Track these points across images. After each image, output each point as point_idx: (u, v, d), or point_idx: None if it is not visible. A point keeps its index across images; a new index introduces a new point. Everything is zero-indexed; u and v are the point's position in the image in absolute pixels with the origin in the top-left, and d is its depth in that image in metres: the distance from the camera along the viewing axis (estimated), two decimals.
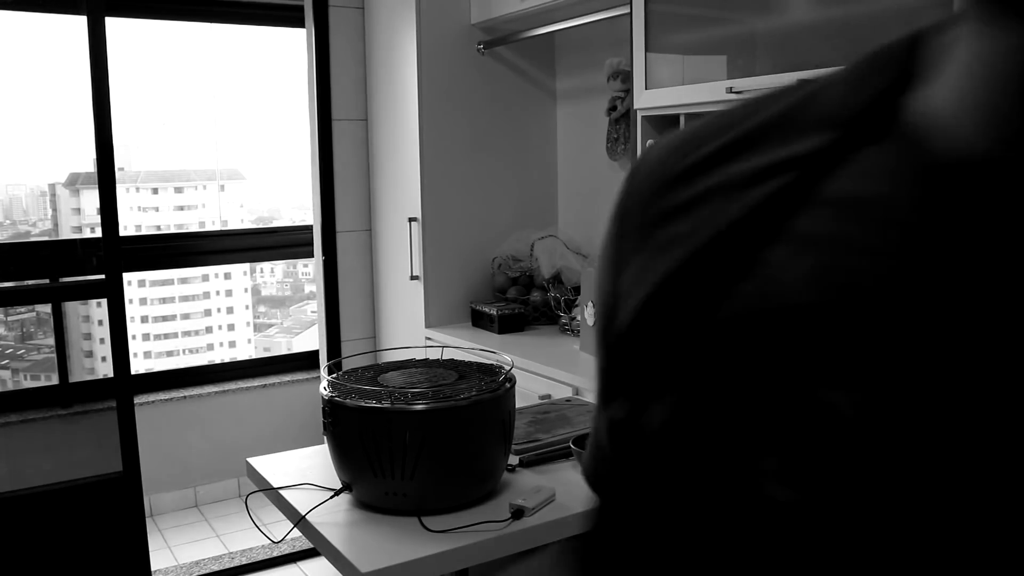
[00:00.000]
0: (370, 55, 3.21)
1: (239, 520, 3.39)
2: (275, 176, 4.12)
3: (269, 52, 3.67)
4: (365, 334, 3.37)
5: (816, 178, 0.37)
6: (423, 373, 1.59)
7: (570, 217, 3.15)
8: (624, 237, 0.48)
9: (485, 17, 2.89)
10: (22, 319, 3.60)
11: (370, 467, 1.44)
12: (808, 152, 0.37)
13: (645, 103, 2.24)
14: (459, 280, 3.04)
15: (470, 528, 1.40)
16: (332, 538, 1.40)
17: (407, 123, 2.97)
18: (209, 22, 3.44)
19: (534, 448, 1.71)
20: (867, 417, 0.32)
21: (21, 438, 2.97)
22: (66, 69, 3.03)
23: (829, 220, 0.36)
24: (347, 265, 3.31)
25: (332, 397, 1.48)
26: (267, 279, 4.46)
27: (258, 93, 3.78)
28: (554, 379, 2.31)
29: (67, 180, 3.62)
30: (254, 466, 1.74)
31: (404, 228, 3.03)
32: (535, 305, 2.91)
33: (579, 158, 3.08)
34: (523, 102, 3.11)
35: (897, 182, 0.35)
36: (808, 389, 0.34)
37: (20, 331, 3.61)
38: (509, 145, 3.10)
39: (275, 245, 3.70)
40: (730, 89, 1.96)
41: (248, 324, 4.33)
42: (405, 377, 1.56)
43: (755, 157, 0.39)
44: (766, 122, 0.40)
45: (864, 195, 0.36)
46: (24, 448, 2.96)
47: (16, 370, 3.48)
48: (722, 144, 0.41)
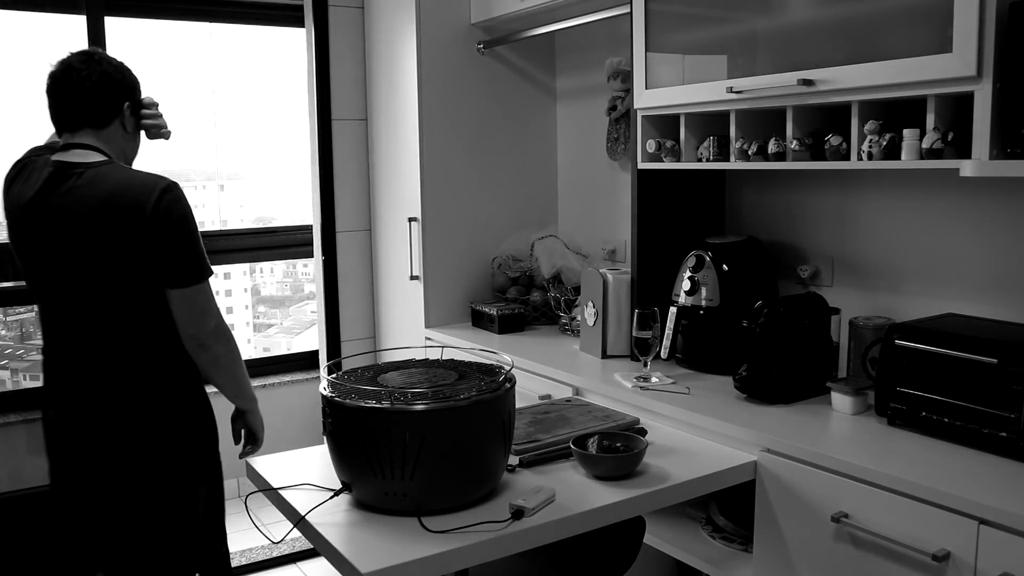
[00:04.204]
0: (370, 55, 3.21)
1: (239, 520, 3.38)
2: (275, 176, 4.12)
3: (269, 52, 3.67)
4: (365, 334, 3.37)
5: None
6: (423, 373, 1.59)
7: (570, 217, 3.15)
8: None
9: (485, 17, 2.89)
10: (22, 319, 3.59)
11: (370, 467, 1.44)
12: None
13: (645, 103, 2.24)
14: (459, 280, 3.03)
15: (470, 528, 1.40)
16: (332, 538, 1.39)
17: (407, 123, 2.96)
18: (209, 22, 3.44)
19: (534, 448, 1.71)
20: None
21: (21, 438, 2.97)
22: None
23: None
24: (347, 265, 3.31)
25: (332, 397, 1.48)
26: (267, 279, 4.45)
27: (258, 93, 3.78)
28: (554, 379, 2.31)
29: None
30: (254, 466, 1.74)
31: (404, 228, 3.03)
32: (535, 305, 2.91)
33: (579, 158, 3.08)
34: (523, 102, 3.11)
35: None
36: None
37: (20, 331, 3.60)
38: (509, 145, 3.09)
39: (275, 245, 3.70)
40: (730, 89, 1.96)
41: (248, 324, 4.33)
42: (405, 377, 1.56)
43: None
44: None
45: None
46: (24, 448, 2.96)
47: (16, 370, 3.48)
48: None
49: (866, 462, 1.54)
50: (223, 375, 1.89)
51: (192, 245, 1.77)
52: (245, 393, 1.98)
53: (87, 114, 1.81)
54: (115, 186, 1.74)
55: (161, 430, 1.83)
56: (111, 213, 1.72)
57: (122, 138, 1.88)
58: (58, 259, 1.78)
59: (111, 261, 1.74)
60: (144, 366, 1.82)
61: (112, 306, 1.78)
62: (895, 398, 1.71)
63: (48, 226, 1.77)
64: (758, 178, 2.40)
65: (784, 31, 1.90)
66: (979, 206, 1.88)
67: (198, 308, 1.79)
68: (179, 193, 1.77)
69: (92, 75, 1.81)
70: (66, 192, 1.76)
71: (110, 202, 1.73)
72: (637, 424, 1.89)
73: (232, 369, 1.89)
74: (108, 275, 1.75)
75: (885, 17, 1.68)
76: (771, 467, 1.70)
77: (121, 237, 1.72)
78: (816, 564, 1.64)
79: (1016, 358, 1.52)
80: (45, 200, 1.78)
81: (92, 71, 1.81)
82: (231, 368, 1.89)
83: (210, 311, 1.81)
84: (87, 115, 1.81)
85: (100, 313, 1.79)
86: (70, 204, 1.75)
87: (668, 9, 2.18)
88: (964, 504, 1.38)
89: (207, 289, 1.80)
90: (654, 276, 2.37)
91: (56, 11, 3.02)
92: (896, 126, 1.71)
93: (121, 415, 1.81)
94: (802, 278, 2.26)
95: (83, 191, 1.75)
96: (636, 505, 1.57)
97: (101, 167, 1.78)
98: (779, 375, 1.93)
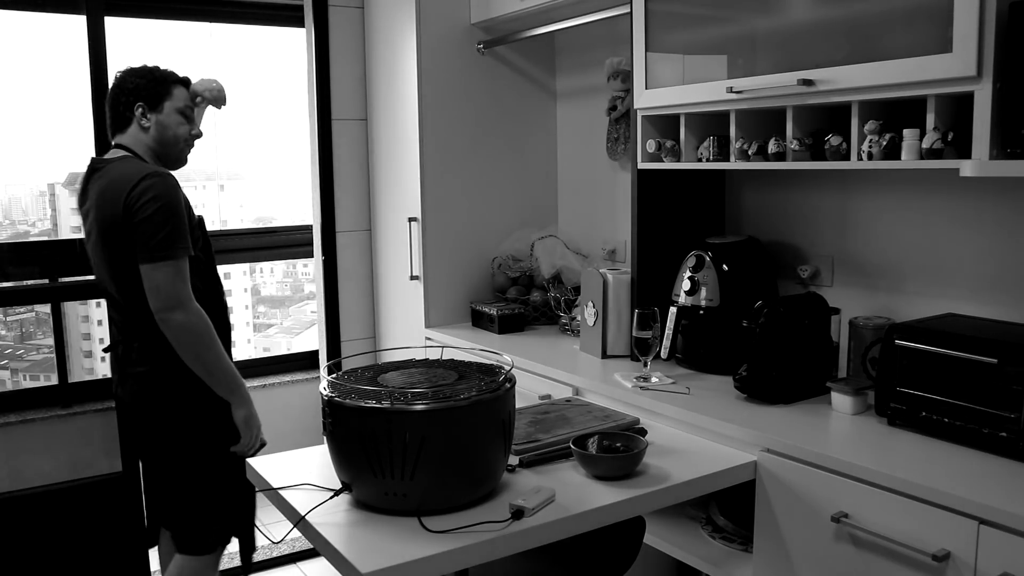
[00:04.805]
0: (370, 55, 3.21)
1: None
2: (275, 176, 4.11)
3: (269, 52, 3.67)
4: (365, 334, 3.37)
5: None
6: (423, 373, 1.59)
7: (570, 217, 3.15)
8: None
9: (485, 17, 2.89)
10: (21, 319, 3.59)
11: (370, 467, 1.44)
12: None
13: (645, 103, 2.24)
14: (459, 280, 3.03)
15: (470, 528, 1.40)
16: (332, 538, 1.39)
17: (407, 123, 2.96)
18: (209, 22, 3.44)
19: (534, 448, 1.71)
20: None
21: (21, 438, 2.97)
22: (66, 69, 3.03)
23: None
24: (347, 265, 3.31)
25: (332, 397, 1.48)
26: (267, 279, 4.45)
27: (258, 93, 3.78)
28: (554, 379, 2.31)
29: (67, 180, 3.61)
30: (254, 466, 1.74)
31: (404, 228, 3.03)
32: (535, 305, 2.91)
33: (579, 158, 3.08)
34: (523, 102, 3.11)
35: None
36: None
37: (19, 331, 3.60)
38: (509, 145, 3.09)
39: (275, 245, 3.70)
40: (730, 89, 1.96)
41: (248, 324, 4.33)
42: (405, 377, 1.56)
43: None
44: None
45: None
46: (24, 448, 2.96)
47: (16, 370, 3.48)
48: None
49: (866, 462, 1.54)
50: (186, 355, 2.04)
51: (153, 225, 1.97)
52: (217, 380, 2.08)
53: (112, 121, 2.19)
54: (114, 177, 2.05)
55: (169, 398, 2.10)
56: (106, 201, 2.03)
57: (146, 135, 2.17)
58: (91, 248, 2.15)
59: (113, 244, 2.04)
60: (152, 336, 2.06)
61: (125, 284, 2.06)
62: (895, 398, 1.71)
63: (83, 219, 2.17)
64: (758, 178, 2.40)
65: (784, 31, 1.90)
66: (979, 206, 1.88)
67: (154, 285, 1.98)
68: (159, 180, 2.01)
69: (112, 89, 2.18)
70: (91, 187, 2.12)
71: (105, 192, 2.04)
72: (637, 424, 1.89)
73: (195, 351, 2.03)
74: (114, 257, 2.05)
75: (885, 17, 1.68)
76: (771, 467, 1.70)
77: (113, 221, 2.01)
78: (816, 564, 1.64)
79: (1016, 358, 1.52)
80: (82, 195, 2.17)
81: (113, 85, 2.18)
82: (194, 350, 2.03)
83: (165, 291, 1.98)
84: (112, 122, 2.19)
85: (120, 292, 2.10)
86: (92, 197, 2.10)
87: (668, 9, 2.18)
88: (964, 504, 1.38)
89: (166, 269, 1.98)
90: (654, 276, 2.37)
91: (56, 11, 3.02)
92: (896, 126, 1.71)
93: (143, 387, 2.11)
94: (802, 278, 2.26)
95: (98, 184, 2.09)
96: (636, 505, 1.57)
97: (116, 162, 2.10)
98: (779, 375, 1.93)
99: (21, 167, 3.53)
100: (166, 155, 2.21)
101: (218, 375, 2.07)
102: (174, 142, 2.20)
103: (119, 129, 2.18)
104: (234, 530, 2.29)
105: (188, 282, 2.02)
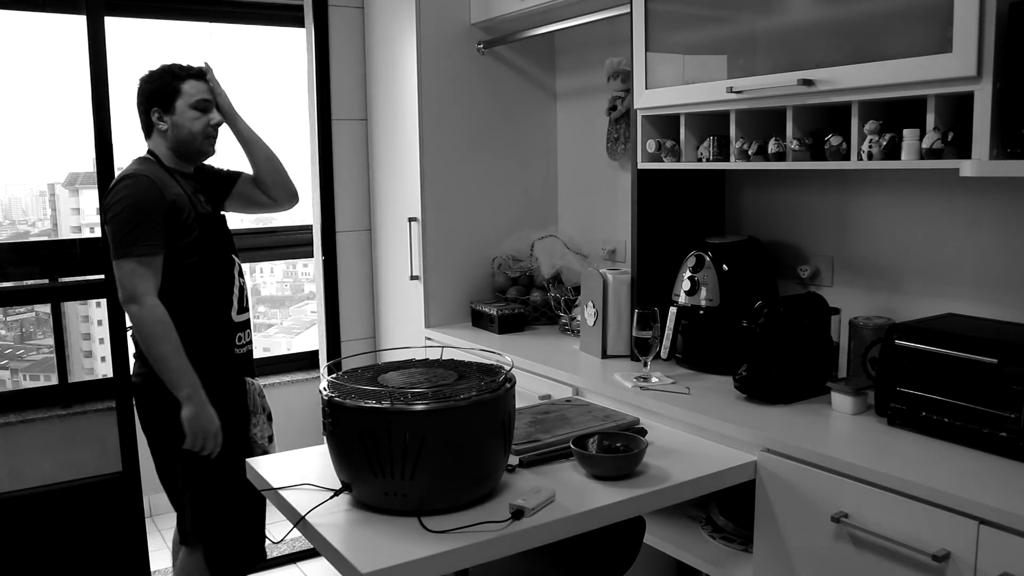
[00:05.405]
0: (370, 55, 3.21)
1: None
2: None
3: (269, 52, 3.67)
4: (365, 334, 3.37)
5: None
6: (423, 373, 1.59)
7: (570, 217, 3.15)
8: None
9: (485, 17, 2.89)
10: (21, 319, 3.60)
11: (370, 467, 1.44)
12: None
13: (645, 103, 2.24)
14: (459, 280, 3.03)
15: (470, 528, 1.40)
16: (332, 538, 1.39)
17: (407, 123, 2.96)
18: (209, 22, 3.44)
19: (534, 448, 1.71)
20: None
21: (21, 438, 2.97)
22: (66, 69, 3.03)
23: None
24: (347, 265, 3.31)
25: (332, 397, 1.48)
26: (267, 279, 4.45)
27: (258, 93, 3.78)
28: (554, 379, 2.31)
29: (67, 180, 3.62)
30: (254, 466, 1.74)
31: (404, 228, 3.03)
32: (535, 305, 2.91)
33: (579, 158, 3.08)
34: (523, 102, 3.11)
35: None
36: None
37: (20, 331, 3.60)
38: (509, 145, 3.09)
39: (275, 245, 3.70)
40: (730, 89, 1.96)
41: None
42: (405, 377, 1.56)
43: None
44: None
45: None
46: (24, 448, 2.96)
47: (16, 370, 3.48)
48: None
49: (866, 462, 1.54)
50: (144, 346, 2.13)
51: (118, 223, 2.08)
52: (165, 377, 2.12)
53: (142, 129, 2.28)
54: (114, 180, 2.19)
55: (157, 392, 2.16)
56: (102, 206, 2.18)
57: (165, 139, 2.23)
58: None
59: (105, 245, 2.16)
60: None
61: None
62: (895, 398, 1.71)
63: None
64: (758, 178, 2.40)
65: (784, 31, 1.90)
66: (979, 206, 1.88)
67: (117, 279, 2.10)
68: (131, 182, 2.11)
69: (135, 97, 2.26)
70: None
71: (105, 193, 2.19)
72: (637, 424, 1.89)
73: (146, 343, 2.11)
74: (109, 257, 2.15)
75: (885, 17, 1.68)
76: (771, 467, 1.70)
77: (102, 223, 2.17)
78: (816, 564, 1.64)
79: (1016, 358, 1.52)
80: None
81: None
82: (147, 343, 2.11)
83: (123, 285, 2.09)
84: (143, 130, 2.28)
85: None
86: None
87: (668, 9, 2.18)
88: (964, 504, 1.38)
89: (126, 265, 2.07)
90: (654, 276, 2.37)
91: (56, 11, 3.02)
92: (896, 126, 1.71)
93: (141, 375, 2.21)
94: (802, 278, 2.26)
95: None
96: (636, 505, 1.57)
97: (129, 166, 2.21)
98: (779, 375, 1.93)
99: (21, 167, 3.53)
100: (187, 153, 2.26)
101: (165, 372, 2.11)
102: (191, 139, 2.24)
103: (147, 136, 2.27)
104: (245, 548, 2.39)
105: (150, 278, 2.09)
